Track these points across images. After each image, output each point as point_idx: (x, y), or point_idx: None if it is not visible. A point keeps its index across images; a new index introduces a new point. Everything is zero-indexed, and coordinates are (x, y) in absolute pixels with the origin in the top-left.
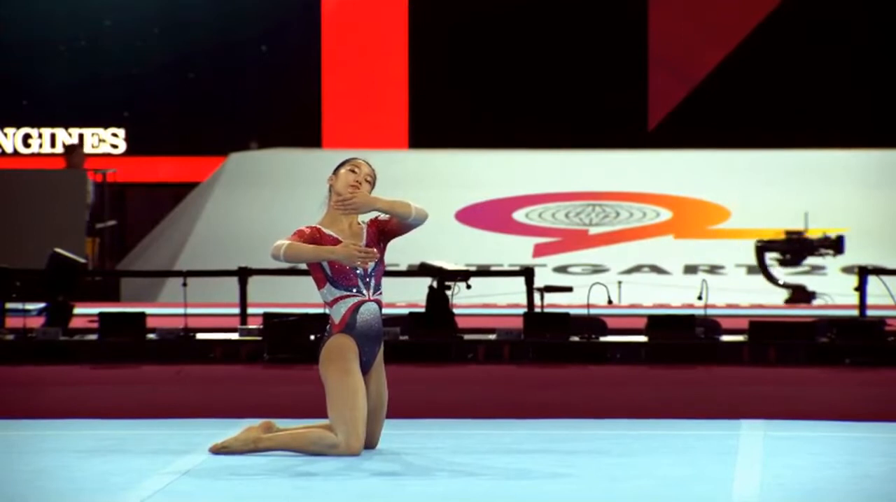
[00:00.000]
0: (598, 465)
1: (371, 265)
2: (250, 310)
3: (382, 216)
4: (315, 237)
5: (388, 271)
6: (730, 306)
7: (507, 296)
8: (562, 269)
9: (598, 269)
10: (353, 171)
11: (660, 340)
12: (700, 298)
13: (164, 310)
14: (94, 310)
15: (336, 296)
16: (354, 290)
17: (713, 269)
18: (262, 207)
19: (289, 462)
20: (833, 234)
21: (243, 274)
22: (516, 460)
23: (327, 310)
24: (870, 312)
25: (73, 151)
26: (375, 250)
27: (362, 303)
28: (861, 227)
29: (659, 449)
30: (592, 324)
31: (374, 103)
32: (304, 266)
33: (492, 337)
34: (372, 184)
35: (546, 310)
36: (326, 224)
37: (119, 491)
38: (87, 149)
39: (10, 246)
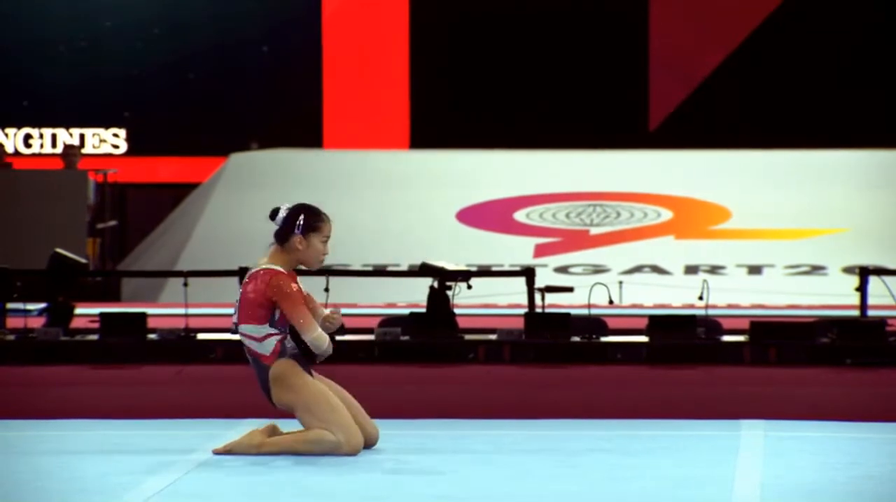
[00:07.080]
0: (598, 465)
1: None
2: None
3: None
4: (300, 291)
5: (389, 271)
6: (731, 306)
7: (507, 296)
8: (562, 270)
9: (598, 270)
10: (324, 243)
11: (661, 341)
12: (701, 298)
13: (165, 311)
14: (95, 310)
15: (269, 333)
16: (281, 329)
17: (714, 270)
18: (262, 208)
19: (289, 462)
20: None
21: (244, 274)
22: (517, 460)
23: (251, 345)
24: (871, 313)
25: (68, 151)
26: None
27: (285, 337)
28: (861, 227)
29: (659, 449)
30: (593, 325)
31: (375, 104)
32: (303, 267)
33: (492, 337)
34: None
35: (547, 310)
36: (292, 274)
37: (119, 492)
38: (88, 149)
39: (10, 246)
